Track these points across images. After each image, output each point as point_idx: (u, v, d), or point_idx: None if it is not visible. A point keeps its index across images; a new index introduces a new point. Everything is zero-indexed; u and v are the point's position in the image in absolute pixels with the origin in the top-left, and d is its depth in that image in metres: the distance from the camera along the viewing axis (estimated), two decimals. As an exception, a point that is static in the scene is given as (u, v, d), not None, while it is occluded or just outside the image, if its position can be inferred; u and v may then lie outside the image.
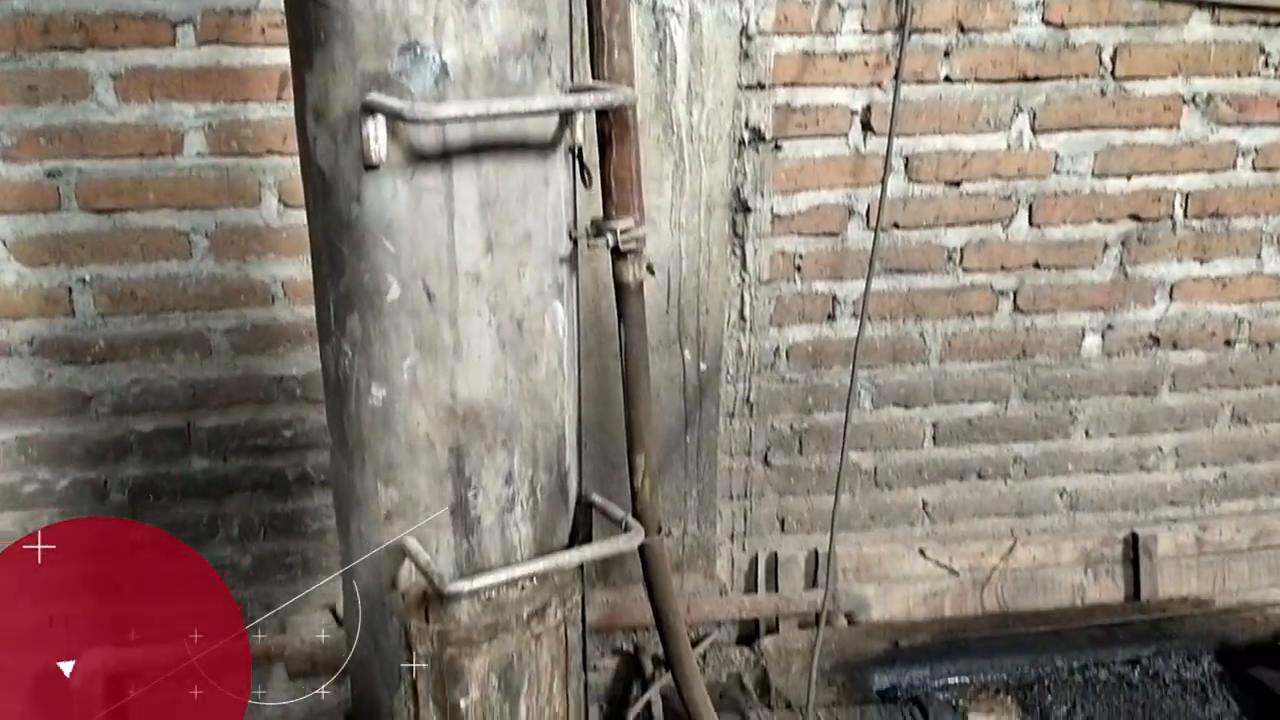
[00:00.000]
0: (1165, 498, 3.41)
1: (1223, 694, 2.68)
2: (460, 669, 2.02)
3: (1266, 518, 3.43)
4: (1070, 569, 3.36)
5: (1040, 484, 3.36)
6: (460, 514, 1.93)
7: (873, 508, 3.30)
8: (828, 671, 2.72)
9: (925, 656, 2.78)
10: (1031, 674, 2.75)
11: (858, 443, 3.23)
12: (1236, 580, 3.38)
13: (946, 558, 3.32)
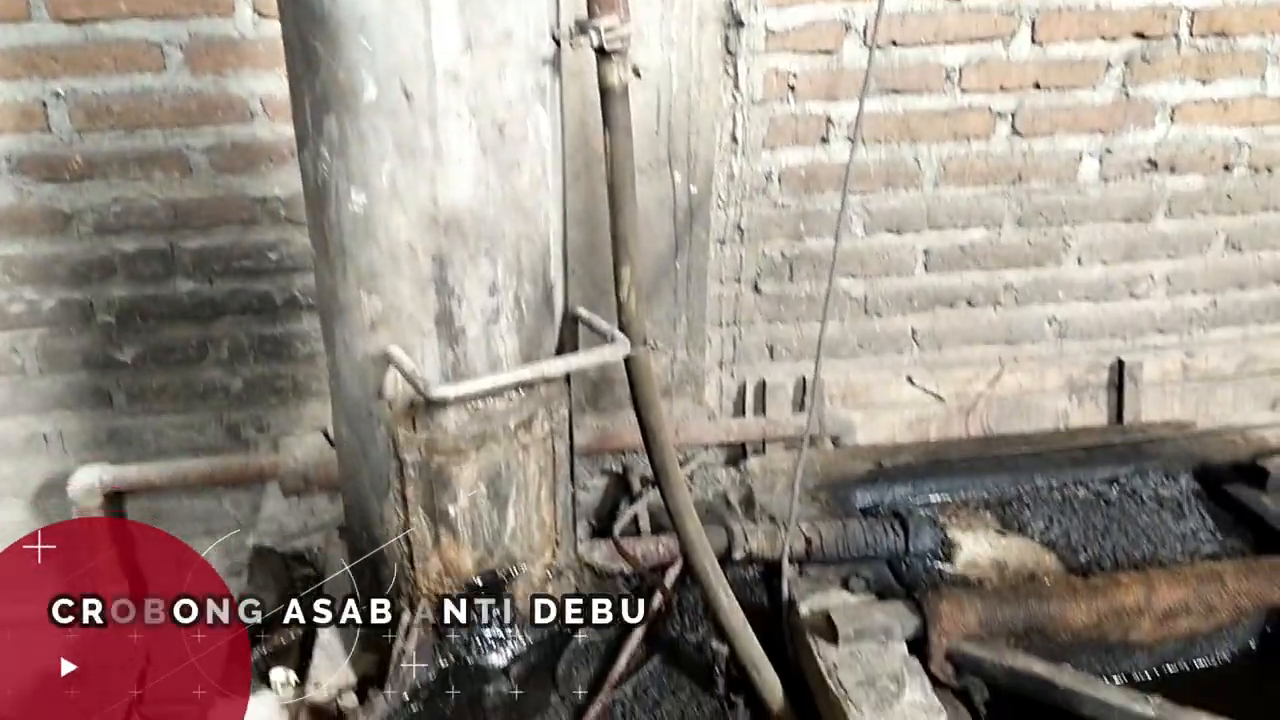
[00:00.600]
0: (1154, 325, 3.42)
1: (1198, 510, 2.74)
2: (449, 477, 2.06)
3: (1254, 345, 3.45)
4: (1055, 395, 3.40)
5: (1030, 311, 3.36)
6: (445, 324, 1.93)
7: (862, 335, 3.31)
8: (811, 490, 2.78)
9: (908, 476, 2.83)
10: (1011, 492, 2.80)
11: (848, 269, 3.21)
12: (1221, 407, 3.42)
13: (934, 384, 3.35)
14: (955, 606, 2.15)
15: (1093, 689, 2.12)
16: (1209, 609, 2.22)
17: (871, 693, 2.02)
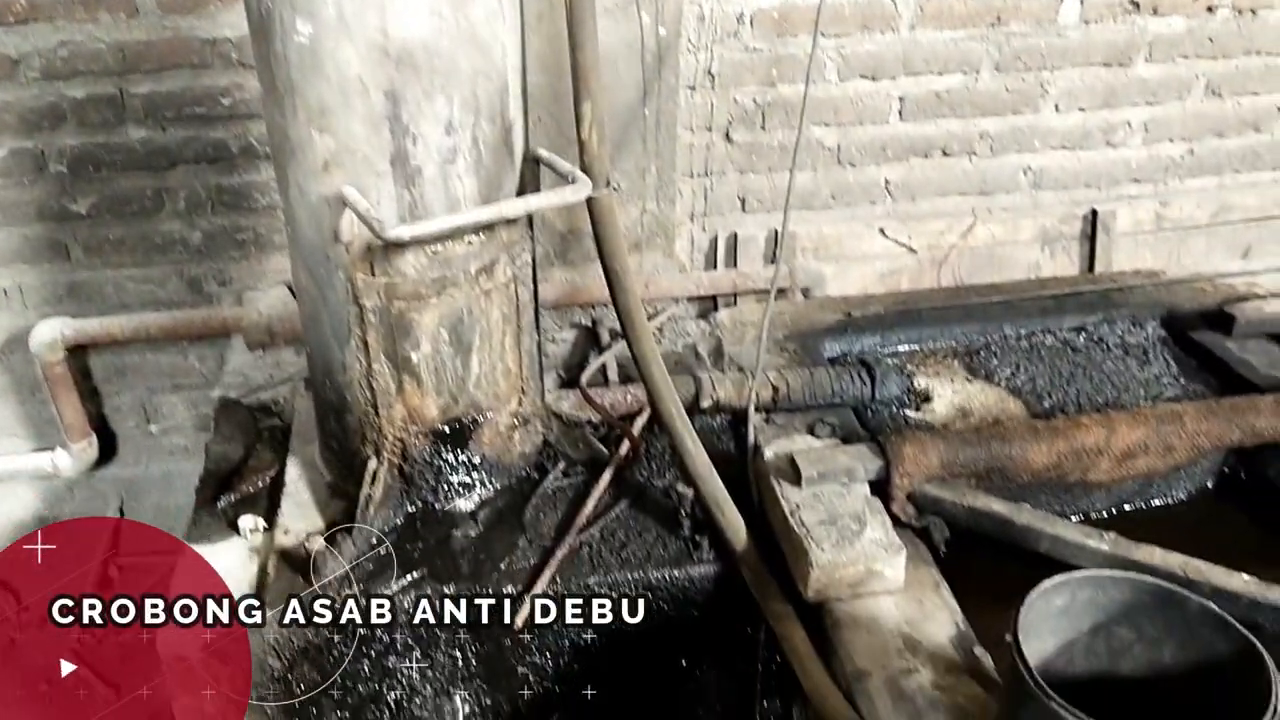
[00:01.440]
0: (1129, 175, 3.37)
1: (1163, 356, 2.75)
2: (410, 323, 2.03)
3: (1229, 194, 3.42)
4: (1028, 246, 3.38)
5: (1005, 161, 3.30)
6: (400, 164, 1.88)
7: (835, 186, 3.25)
8: (780, 341, 2.77)
9: (877, 326, 2.82)
10: (980, 341, 2.81)
11: (821, 118, 3.13)
12: (1193, 256, 3.42)
13: (906, 236, 3.32)
14: (917, 448, 2.17)
15: (1050, 526, 2.16)
16: (1167, 449, 2.25)
17: (833, 531, 2.05)
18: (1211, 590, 2.07)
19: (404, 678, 2.10)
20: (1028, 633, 1.62)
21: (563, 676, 2.19)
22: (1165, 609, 1.63)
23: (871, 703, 1.84)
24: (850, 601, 2.03)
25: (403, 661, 2.07)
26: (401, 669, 2.11)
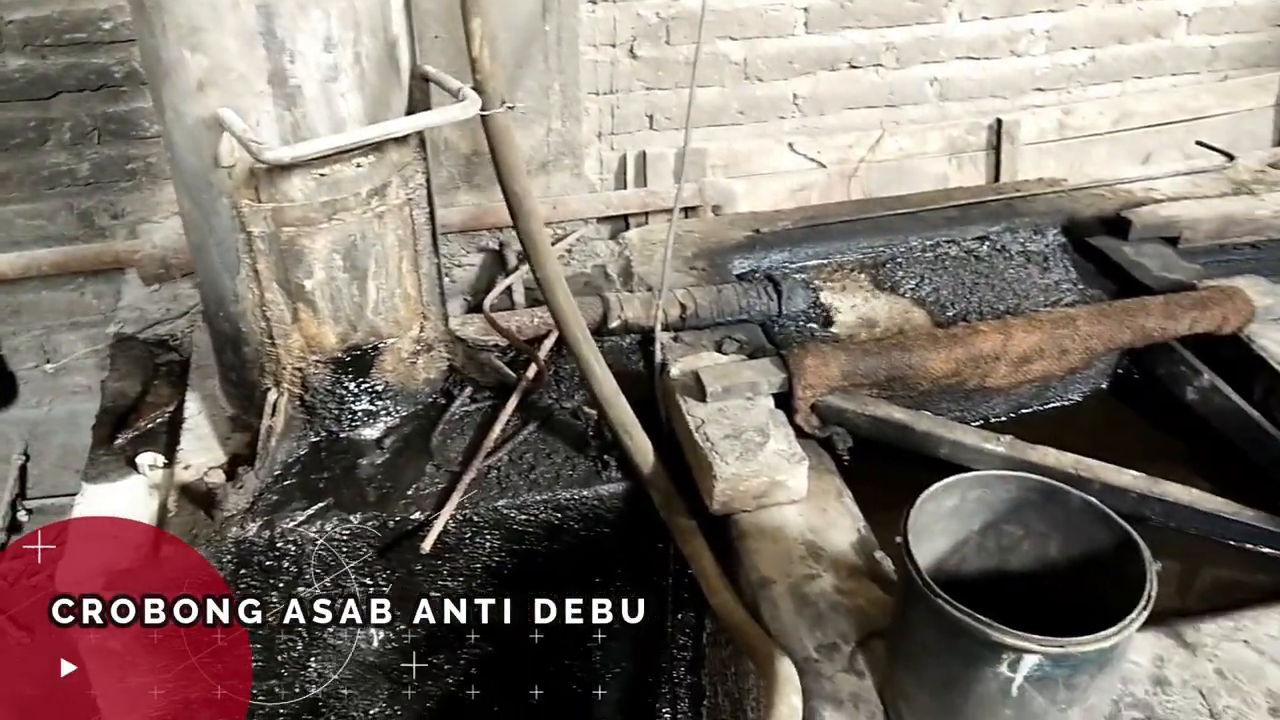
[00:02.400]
0: (1033, 83, 3.39)
1: (1063, 263, 2.80)
2: (301, 250, 1.98)
3: (1129, 100, 3.46)
4: (936, 158, 3.39)
5: (912, 73, 3.30)
6: (278, 83, 1.81)
7: (743, 101, 3.23)
8: (689, 259, 2.77)
9: (785, 242, 2.83)
10: (886, 253, 2.83)
11: (727, 31, 3.09)
12: (1095, 163, 3.46)
13: (815, 151, 3.31)
14: (819, 360, 2.19)
15: (949, 431, 2.21)
16: (1062, 353, 2.30)
17: (737, 444, 2.07)
18: (1102, 487, 2.15)
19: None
20: (920, 534, 1.66)
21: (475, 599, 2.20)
22: (1050, 505, 1.68)
23: (775, 609, 1.88)
24: (755, 512, 2.06)
25: (312, 590, 2.06)
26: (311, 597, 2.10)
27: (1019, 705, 1.50)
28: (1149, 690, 1.74)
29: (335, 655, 2.16)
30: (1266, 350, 2.31)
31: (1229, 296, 2.36)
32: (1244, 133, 3.48)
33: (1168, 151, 3.47)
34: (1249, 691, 1.74)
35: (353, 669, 2.19)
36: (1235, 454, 2.30)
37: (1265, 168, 3.14)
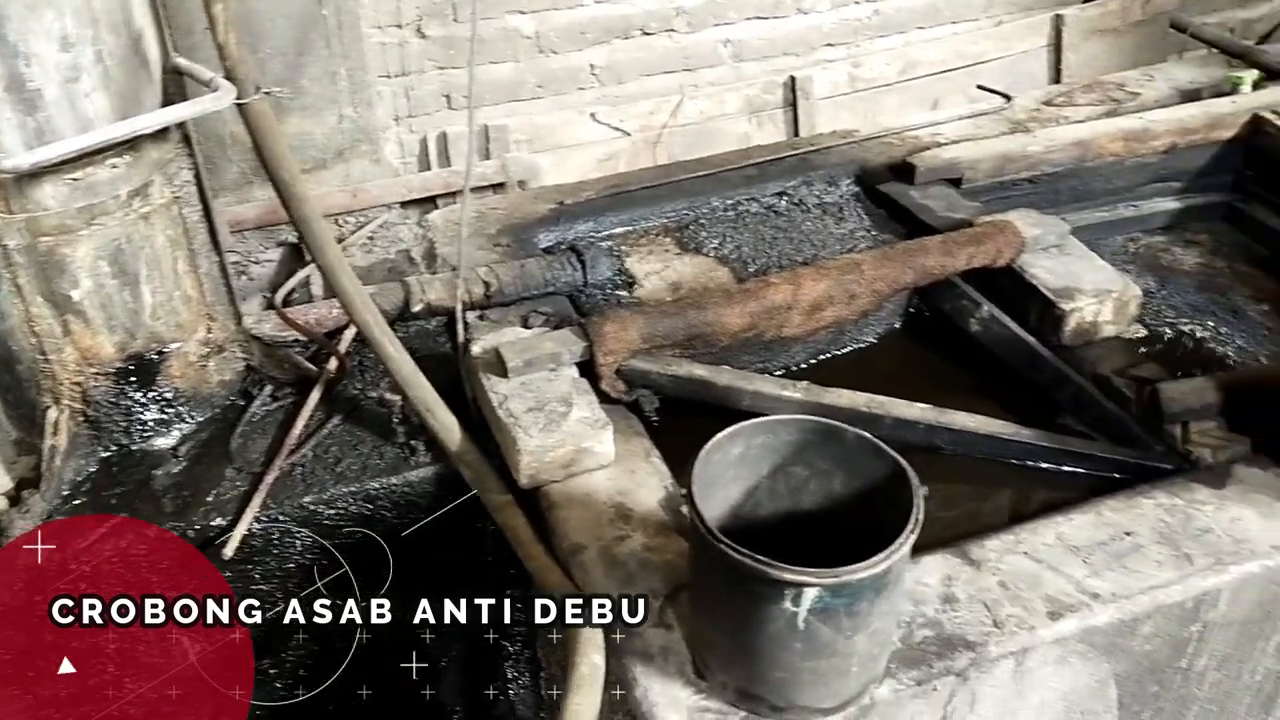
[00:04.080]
0: (823, 39, 3.50)
1: (857, 211, 2.90)
2: (62, 259, 1.90)
3: (914, 50, 3.60)
4: (736, 118, 3.47)
5: (705, 36, 3.36)
6: (15, 88, 1.73)
7: (540, 75, 3.23)
8: (494, 236, 2.76)
9: (590, 212, 2.85)
10: (690, 215, 2.88)
11: (516, 6, 3.09)
12: (887, 112, 3.59)
13: (618, 120, 3.34)
14: (618, 326, 2.22)
15: (749, 383, 2.27)
16: (851, 297, 2.39)
17: (540, 416, 2.08)
18: (894, 421, 2.25)
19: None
20: (709, 484, 1.71)
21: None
22: (830, 444, 1.75)
23: (587, 574, 1.91)
24: (565, 482, 2.08)
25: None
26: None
27: (807, 638, 1.56)
28: (938, 609, 1.84)
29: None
30: (1037, 278, 2.45)
31: (1001, 230, 2.49)
32: (1022, 74, 3.66)
33: (954, 96, 3.63)
34: (1029, 599, 1.85)
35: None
36: (1017, 377, 2.44)
37: (1040, 106, 3.31)
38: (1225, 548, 1.93)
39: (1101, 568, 1.90)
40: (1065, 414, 2.35)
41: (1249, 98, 3.18)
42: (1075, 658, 1.87)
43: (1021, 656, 1.81)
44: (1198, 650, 2.00)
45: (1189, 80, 3.44)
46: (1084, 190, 3.08)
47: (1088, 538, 1.96)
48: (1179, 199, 3.19)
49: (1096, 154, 3.01)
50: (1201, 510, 2.00)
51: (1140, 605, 1.86)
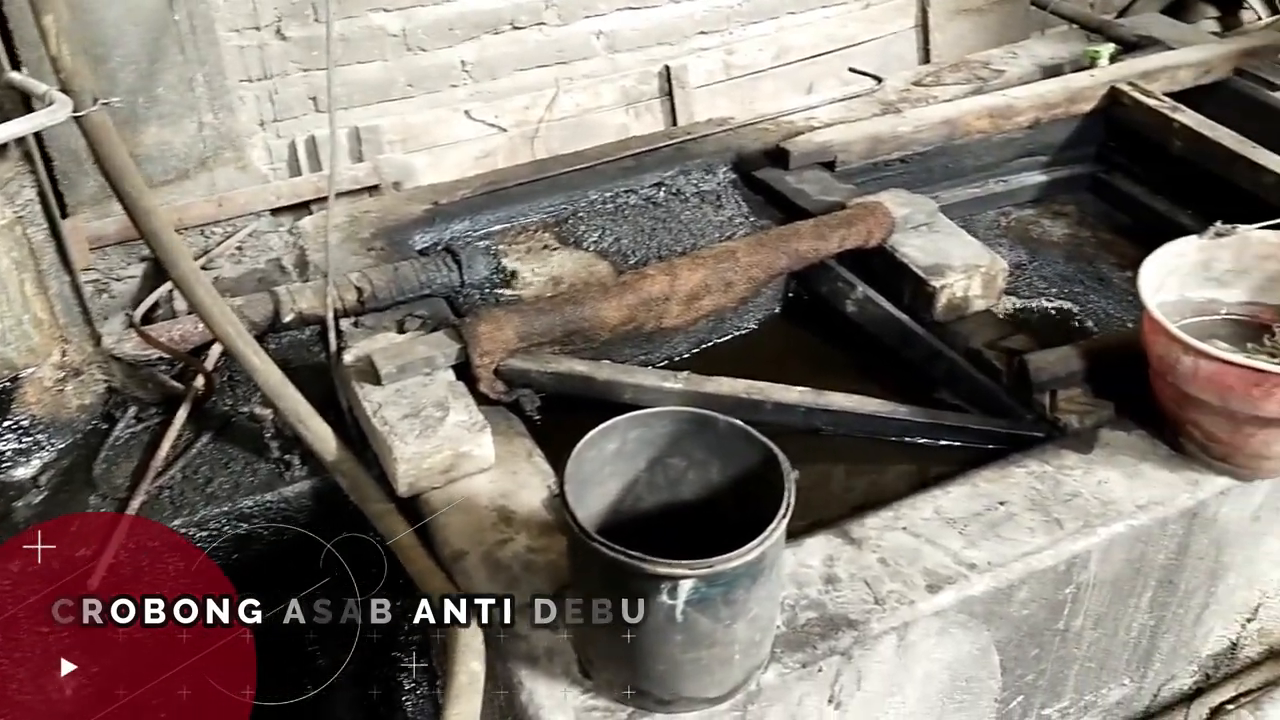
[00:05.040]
0: (696, 27, 3.50)
1: (734, 198, 2.92)
2: (-107, 289, 1.80)
3: (786, 35, 3.63)
4: (613, 110, 3.45)
5: (577, 28, 3.33)
6: None
7: (410, 73, 3.17)
8: (368, 239, 2.70)
9: (466, 211, 2.80)
10: (568, 210, 2.85)
11: (380, 4, 3.02)
12: (764, 98, 3.61)
13: (493, 116, 3.31)
14: (493, 326, 2.19)
15: (629, 376, 2.27)
16: (727, 285, 2.40)
17: (416, 423, 2.05)
18: (774, 406, 2.27)
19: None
20: (585, 481, 1.70)
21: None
22: (704, 433, 1.75)
23: (469, 579, 1.88)
24: (445, 488, 2.05)
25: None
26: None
27: (686, 629, 1.56)
28: (821, 590, 1.86)
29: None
30: (908, 257, 2.49)
31: (871, 211, 2.53)
32: (892, 56, 3.72)
33: (828, 80, 3.68)
34: (909, 574, 1.88)
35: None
36: (895, 355, 2.48)
37: (909, 86, 3.37)
38: (1093, 510, 1.99)
39: (977, 538, 1.94)
40: (941, 389, 2.40)
41: (1106, 71, 3.28)
42: (956, 628, 1.91)
43: (903, 631, 1.84)
44: (1073, 611, 2.06)
45: (1050, 56, 3.54)
46: (955, 168, 3.15)
47: (964, 509, 2.00)
48: (1045, 172, 3.28)
49: (964, 132, 3.08)
50: (1070, 475, 2.06)
51: (1015, 572, 1.91)
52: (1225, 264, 2.15)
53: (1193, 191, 3.04)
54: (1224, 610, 2.35)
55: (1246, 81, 3.32)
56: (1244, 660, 2.55)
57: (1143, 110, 3.11)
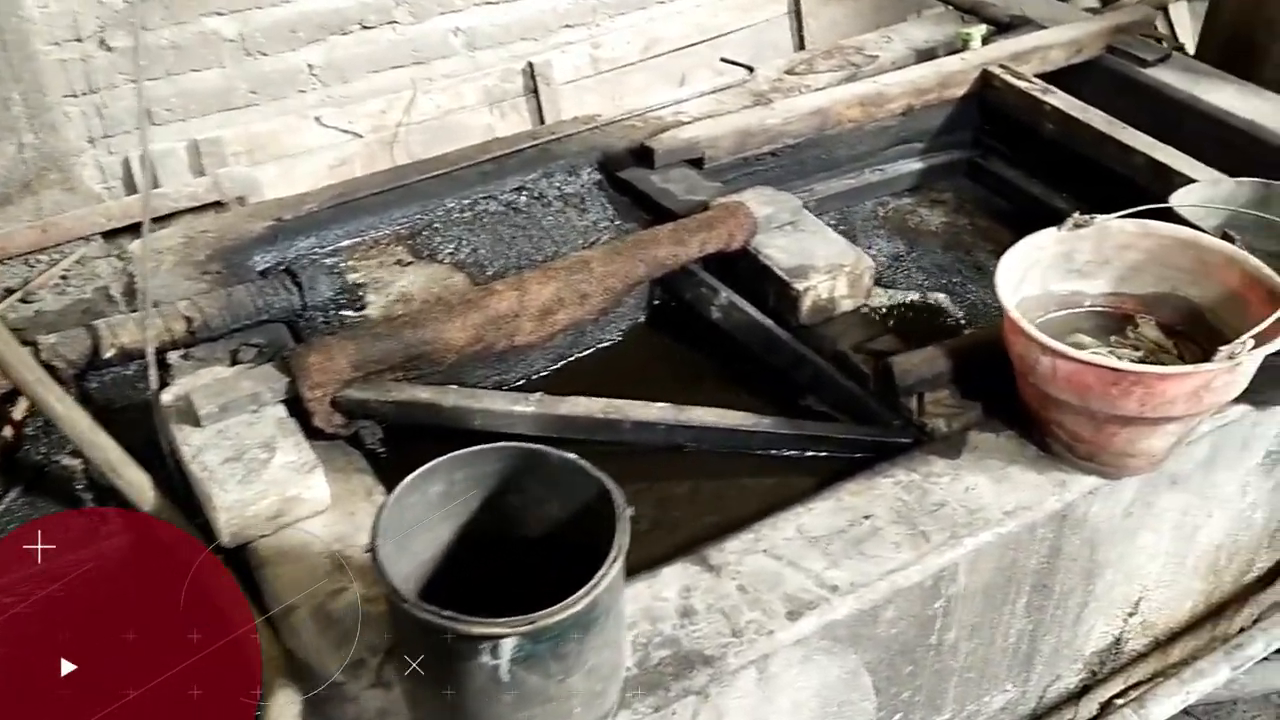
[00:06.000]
0: (560, 21, 3.37)
1: (599, 201, 2.79)
2: None
3: (656, 26, 3.51)
4: (477, 111, 3.31)
5: (432, 26, 3.18)
6: None
7: (251, 80, 2.99)
8: (203, 262, 2.51)
9: (311, 226, 2.63)
10: (423, 220, 2.70)
11: (213, 7, 2.84)
12: (634, 92, 3.49)
13: (347, 121, 3.14)
14: (323, 356, 2.04)
15: (477, 401, 2.13)
16: (583, 298, 2.27)
17: (239, 467, 1.89)
18: (632, 425, 2.15)
19: None
20: (408, 530, 1.57)
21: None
22: (539, 468, 1.63)
23: (298, 637, 1.74)
24: (275, 535, 1.90)
25: None
26: None
27: (514, 688, 1.44)
28: (676, 624, 1.75)
29: None
30: (771, 259, 2.39)
31: (732, 213, 2.42)
32: (766, 43, 3.63)
33: (701, 71, 3.57)
34: (768, 601, 1.78)
35: None
36: (762, 363, 2.38)
37: (782, 75, 3.27)
38: (960, 520, 1.91)
39: (841, 557, 1.85)
40: (810, 396, 2.31)
41: (978, 53, 3.22)
42: (820, 654, 1.82)
43: (763, 664, 1.74)
44: (945, 625, 1.98)
45: (925, 39, 3.47)
46: (829, 159, 3.06)
47: (828, 526, 1.90)
48: (922, 159, 3.21)
49: (836, 121, 2.99)
50: (938, 483, 1.98)
51: (879, 592, 1.82)
52: (1086, 255, 2.08)
53: (1068, 174, 2.99)
54: (1104, 607, 2.30)
55: (1118, 59, 3.28)
56: (1130, 654, 2.52)
57: (1014, 93, 3.06)
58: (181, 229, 2.68)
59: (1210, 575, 2.52)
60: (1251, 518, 2.46)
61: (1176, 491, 2.18)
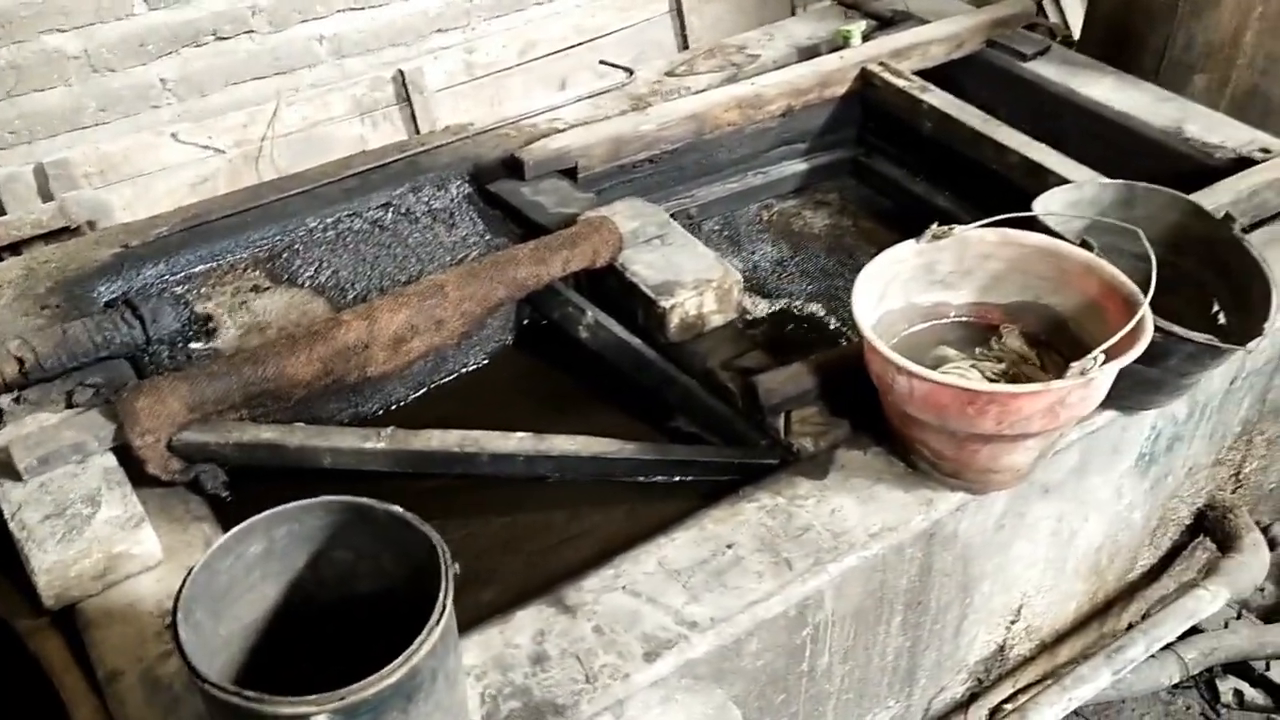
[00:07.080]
0: (431, 25, 3.25)
1: (469, 215, 2.69)
2: None
3: (533, 28, 3.41)
4: (346, 122, 3.18)
5: (294, 34, 3.05)
6: None
7: (100, 98, 2.84)
8: (43, 295, 2.36)
9: (160, 252, 2.49)
10: (282, 242, 2.57)
11: (52, 24, 2.67)
12: (513, 98, 3.40)
13: (206, 137, 2.99)
14: (153, 399, 1.92)
15: (325, 439, 2.03)
16: (438, 324, 2.17)
17: (60, 524, 1.77)
18: (490, 458, 2.06)
19: None
20: (223, 595, 1.47)
21: None
22: (366, 523, 1.53)
23: (123, 705, 1.63)
24: (103, 594, 1.78)
25: None
26: None
27: (333, 765, 1.35)
28: (528, 673, 1.67)
29: None
30: (638, 275, 2.31)
31: (596, 229, 2.34)
32: (649, 43, 3.55)
33: (581, 74, 3.48)
34: (625, 642, 1.71)
35: None
36: (632, 382, 2.30)
37: (661, 77, 3.19)
38: (825, 545, 1.85)
39: (701, 591, 1.78)
40: (679, 416, 2.24)
41: (858, 51, 3.17)
42: (681, 693, 1.76)
43: (619, 709, 1.67)
44: (816, 651, 1.93)
45: (808, 36, 3.41)
46: (709, 163, 2.99)
47: (690, 558, 1.84)
48: (806, 160, 3.16)
49: (713, 125, 2.92)
50: (803, 506, 1.92)
51: (741, 625, 1.76)
52: (948, 266, 2.04)
53: (949, 173, 2.96)
54: (984, 618, 2.27)
55: (998, 53, 3.26)
56: (1016, 659, 2.50)
57: (893, 92, 3.02)
58: (24, 260, 2.53)
59: (1092, 576, 2.51)
60: (1130, 518, 2.45)
61: (1050, 500, 2.16)
